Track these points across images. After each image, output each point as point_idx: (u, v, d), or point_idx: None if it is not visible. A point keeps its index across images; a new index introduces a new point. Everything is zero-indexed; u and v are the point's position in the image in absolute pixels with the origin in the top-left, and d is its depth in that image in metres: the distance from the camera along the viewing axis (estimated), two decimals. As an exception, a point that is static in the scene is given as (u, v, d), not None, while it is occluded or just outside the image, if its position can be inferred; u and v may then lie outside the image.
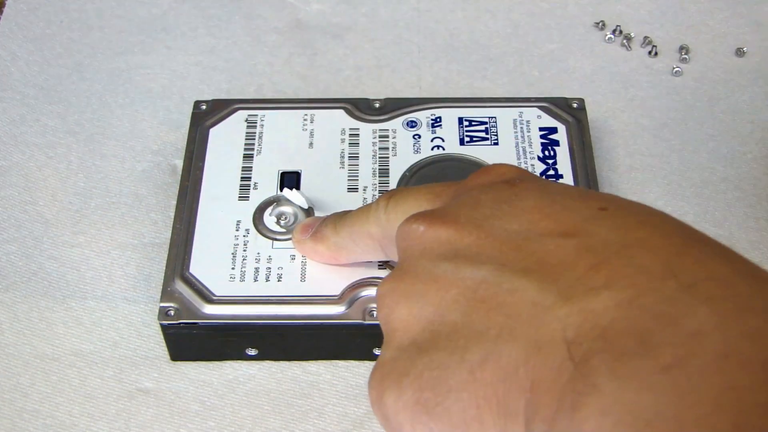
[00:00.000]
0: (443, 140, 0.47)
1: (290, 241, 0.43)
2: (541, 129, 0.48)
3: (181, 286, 0.41)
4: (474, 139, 0.47)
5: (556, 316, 0.25)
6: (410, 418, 0.28)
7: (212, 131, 0.48)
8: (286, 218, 0.44)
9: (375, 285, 0.41)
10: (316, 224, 0.41)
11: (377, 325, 0.41)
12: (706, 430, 0.20)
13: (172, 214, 0.45)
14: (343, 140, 0.47)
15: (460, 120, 0.48)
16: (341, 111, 0.49)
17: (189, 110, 0.49)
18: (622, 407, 0.22)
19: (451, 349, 0.27)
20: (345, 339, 0.42)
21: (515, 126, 0.48)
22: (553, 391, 0.24)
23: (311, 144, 0.48)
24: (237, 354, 0.42)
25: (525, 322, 0.26)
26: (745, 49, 0.57)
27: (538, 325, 0.25)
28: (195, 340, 0.41)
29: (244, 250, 0.43)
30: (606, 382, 0.22)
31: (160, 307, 0.41)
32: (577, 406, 0.23)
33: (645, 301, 0.23)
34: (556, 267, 0.26)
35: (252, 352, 0.42)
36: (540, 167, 0.46)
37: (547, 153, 0.47)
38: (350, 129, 0.48)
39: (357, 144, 0.47)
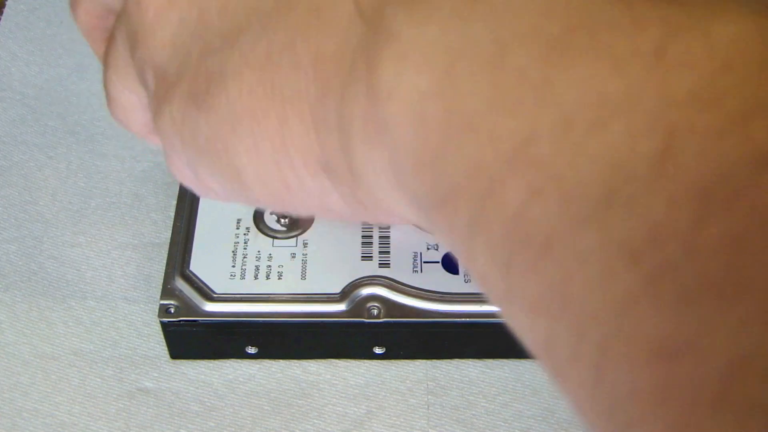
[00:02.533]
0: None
1: (291, 239, 0.43)
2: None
3: (181, 284, 0.41)
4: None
5: None
6: (181, 114, 0.24)
7: (212, 131, 0.48)
8: (286, 216, 0.44)
9: (376, 284, 0.41)
10: None
11: (379, 324, 0.41)
12: (534, 40, 0.16)
13: (172, 214, 0.45)
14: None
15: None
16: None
17: (189, 110, 0.49)
18: (425, 47, 0.18)
19: (225, 31, 0.23)
20: (345, 337, 0.42)
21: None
22: (341, 58, 0.20)
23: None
24: (237, 352, 0.42)
25: None
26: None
27: None
28: (195, 337, 0.41)
29: (245, 248, 0.43)
30: (404, 27, 0.18)
31: (161, 304, 0.41)
32: (371, 63, 0.19)
33: None
34: None
35: (252, 350, 0.42)
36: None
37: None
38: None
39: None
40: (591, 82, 0.16)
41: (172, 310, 0.41)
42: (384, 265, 0.42)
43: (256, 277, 0.42)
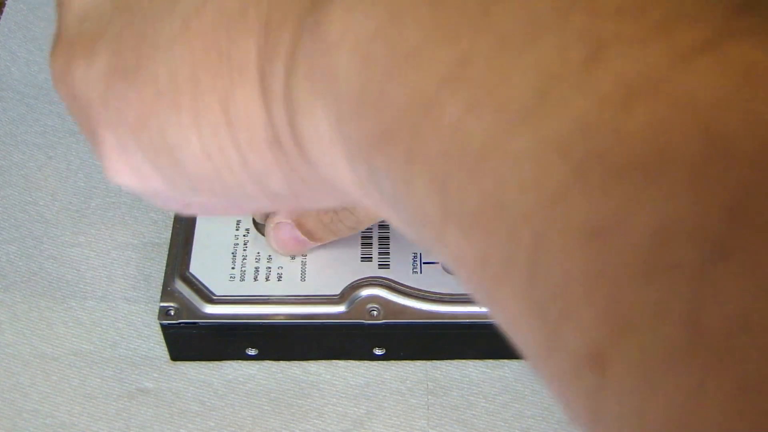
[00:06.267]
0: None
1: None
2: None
3: (181, 286, 0.41)
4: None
5: None
6: (103, 88, 0.23)
7: (212, 131, 0.48)
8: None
9: (376, 285, 0.41)
10: None
11: (378, 325, 0.41)
12: None
13: (172, 214, 0.45)
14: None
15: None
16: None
17: (189, 110, 0.49)
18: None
19: None
20: (345, 339, 0.42)
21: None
22: (291, 20, 0.20)
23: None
24: (237, 354, 0.42)
25: None
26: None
27: None
28: (195, 339, 0.41)
29: (244, 250, 0.43)
30: None
31: (161, 306, 0.41)
32: (319, 15, 0.19)
33: None
34: None
35: (252, 351, 0.42)
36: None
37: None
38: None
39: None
40: (524, 5, 0.16)
41: (172, 313, 0.41)
42: (383, 266, 0.42)
43: (255, 279, 0.42)
